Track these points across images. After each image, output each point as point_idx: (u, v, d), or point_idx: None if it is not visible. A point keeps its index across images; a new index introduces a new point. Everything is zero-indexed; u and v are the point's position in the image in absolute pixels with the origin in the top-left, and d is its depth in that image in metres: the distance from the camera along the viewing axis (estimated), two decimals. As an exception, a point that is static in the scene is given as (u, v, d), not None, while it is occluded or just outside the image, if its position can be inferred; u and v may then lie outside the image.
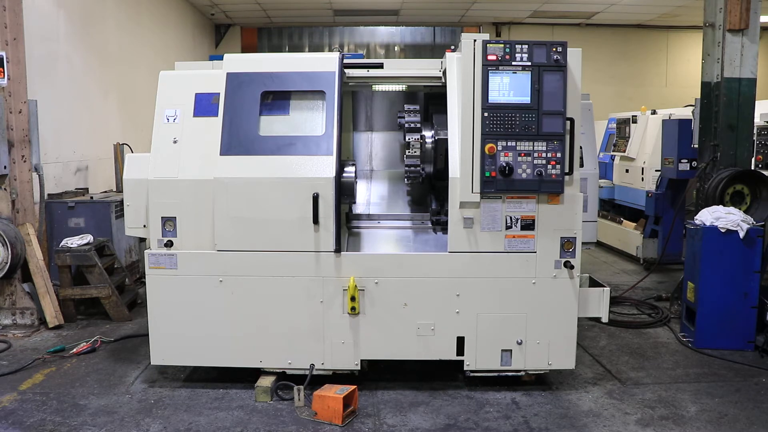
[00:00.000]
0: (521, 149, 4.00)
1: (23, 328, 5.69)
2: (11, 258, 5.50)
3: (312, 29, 14.67)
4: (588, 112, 5.30)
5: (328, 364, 4.28)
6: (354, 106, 5.30)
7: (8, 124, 5.69)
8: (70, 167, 7.23)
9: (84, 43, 7.70)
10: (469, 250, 4.16)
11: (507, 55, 3.97)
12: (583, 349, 5.20)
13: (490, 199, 4.10)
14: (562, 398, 4.28)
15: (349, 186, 4.32)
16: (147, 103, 5.84)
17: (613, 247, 9.20)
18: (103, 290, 5.93)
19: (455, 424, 3.91)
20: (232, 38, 14.55)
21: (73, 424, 3.91)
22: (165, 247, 4.22)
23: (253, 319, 4.24)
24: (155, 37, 10.37)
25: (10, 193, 5.74)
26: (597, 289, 4.36)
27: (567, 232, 4.15)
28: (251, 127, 4.21)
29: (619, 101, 13.78)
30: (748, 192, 5.75)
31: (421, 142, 4.56)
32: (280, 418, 3.97)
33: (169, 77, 4.43)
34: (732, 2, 5.69)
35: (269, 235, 4.16)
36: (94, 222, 6.41)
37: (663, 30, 14.70)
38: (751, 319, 5.14)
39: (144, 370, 4.76)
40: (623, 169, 9.17)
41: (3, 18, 5.64)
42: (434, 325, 4.22)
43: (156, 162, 4.23)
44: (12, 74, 5.70)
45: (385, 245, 4.66)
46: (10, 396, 4.32)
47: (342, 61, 4.37)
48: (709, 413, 4.06)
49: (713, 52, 5.88)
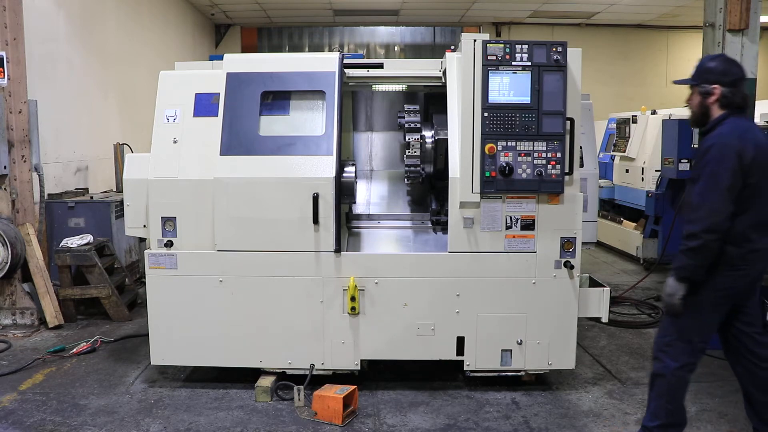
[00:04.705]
0: (521, 149, 4.00)
1: (23, 328, 5.69)
2: (11, 258, 5.50)
3: (312, 29, 14.67)
4: (588, 112, 5.28)
5: (328, 364, 4.28)
6: (354, 106, 5.30)
7: (8, 124, 5.69)
8: (70, 167, 7.23)
9: (84, 43, 7.70)
10: (469, 250, 4.16)
11: (507, 55, 3.97)
12: (583, 349, 5.20)
13: (490, 199, 4.10)
14: (562, 398, 4.28)
15: (349, 186, 4.32)
16: (147, 103, 5.84)
17: (613, 247, 9.20)
18: (103, 290, 5.93)
19: (455, 424, 3.92)
20: (232, 38, 14.55)
21: (73, 424, 3.91)
22: (165, 247, 4.22)
23: (253, 319, 4.24)
24: (155, 37, 10.37)
25: (10, 193, 5.74)
26: (597, 289, 4.36)
27: (567, 232, 4.15)
28: (251, 127, 4.21)
29: (619, 101, 13.78)
30: (748, 192, 5.74)
31: (421, 142, 4.57)
32: (280, 418, 3.97)
33: (169, 77, 4.43)
34: (732, 2, 5.69)
35: (269, 235, 4.16)
36: (94, 222, 6.41)
37: (663, 30, 14.70)
38: (751, 319, 5.13)
39: (144, 370, 4.76)
40: (623, 169, 9.16)
41: (3, 18, 5.64)
42: (434, 325, 4.22)
43: (156, 162, 4.23)
44: (12, 74, 5.70)
45: (385, 245, 4.66)
46: (10, 396, 4.32)
47: (342, 61, 4.37)
48: (709, 413, 4.06)
49: (713, 52, 5.88)
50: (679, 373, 3.30)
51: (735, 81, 3.26)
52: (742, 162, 3.11)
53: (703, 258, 3.15)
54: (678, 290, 3.22)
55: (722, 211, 3.11)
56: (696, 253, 3.14)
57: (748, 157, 3.12)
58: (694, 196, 3.18)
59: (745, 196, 3.16)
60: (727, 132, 3.18)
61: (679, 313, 3.25)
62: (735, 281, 3.24)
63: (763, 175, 3.18)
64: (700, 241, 3.11)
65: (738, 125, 3.21)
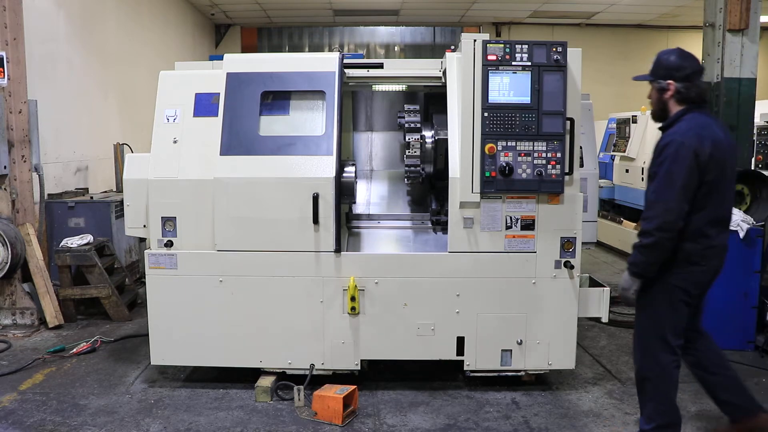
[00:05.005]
0: (521, 149, 4.00)
1: (23, 328, 5.69)
2: (11, 258, 5.50)
3: (312, 29, 14.67)
4: (588, 112, 5.28)
5: (328, 364, 4.28)
6: (354, 106, 5.30)
7: (8, 124, 5.69)
8: (70, 167, 7.23)
9: (84, 43, 7.70)
10: (469, 250, 4.16)
11: (507, 55, 3.97)
12: (583, 349, 5.20)
13: (490, 199, 4.10)
14: (562, 398, 4.28)
15: (349, 186, 4.32)
16: (147, 103, 5.85)
17: (613, 247, 9.19)
18: (103, 290, 5.93)
19: (455, 424, 3.91)
20: (232, 38, 14.55)
21: (73, 424, 3.91)
22: (165, 247, 4.22)
23: (253, 319, 4.24)
24: (155, 37, 10.37)
25: (10, 193, 5.74)
26: (597, 289, 4.36)
27: (567, 232, 4.15)
28: (251, 127, 4.21)
29: (619, 101, 13.76)
30: (748, 192, 5.74)
31: (421, 142, 4.56)
32: (280, 418, 3.97)
33: (169, 77, 4.42)
34: (732, 2, 5.70)
35: (269, 235, 4.16)
36: (94, 222, 6.41)
37: (663, 30, 14.69)
38: (751, 319, 5.14)
39: (144, 370, 4.76)
40: (623, 169, 9.16)
41: (3, 18, 5.64)
42: (434, 325, 4.22)
43: (156, 162, 4.23)
44: (12, 74, 5.70)
45: (385, 245, 4.66)
46: (10, 396, 4.32)
47: (342, 61, 4.37)
48: (710, 413, 4.05)
49: (713, 52, 5.89)
50: (663, 373, 3.34)
51: (689, 75, 3.26)
52: (698, 160, 3.12)
53: (656, 256, 3.20)
54: (632, 285, 3.31)
55: (676, 209, 3.13)
56: (649, 250, 3.19)
57: (705, 155, 3.13)
58: (650, 194, 3.22)
59: (703, 194, 3.19)
60: (684, 129, 3.19)
61: (633, 305, 3.38)
62: (695, 276, 3.30)
63: (720, 171, 3.20)
64: (653, 239, 3.16)
65: (697, 122, 3.22)
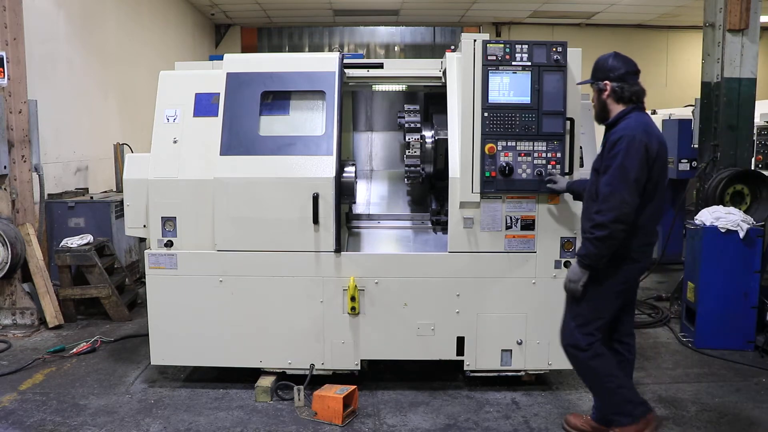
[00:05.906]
0: (521, 149, 4.00)
1: (23, 328, 5.69)
2: (11, 258, 5.50)
3: (312, 29, 14.68)
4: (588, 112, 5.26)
5: (328, 364, 4.28)
6: (354, 106, 5.30)
7: (8, 124, 5.69)
8: (70, 167, 7.23)
9: (84, 43, 7.70)
10: (469, 250, 4.16)
11: (507, 55, 3.97)
12: (583, 349, 5.19)
13: (490, 199, 4.10)
14: (562, 398, 4.28)
15: (349, 186, 4.32)
16: (147, 103, 5.84)
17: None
18: (103, 290, 5.93)
19: (455, 424, 3.91)
20: (232, 38, 14.55)
21: (73, 424, 3.91)
22: (165, 247, 4.22)
23: (253, 319, 4.24)
24: (155, 37, 10.37)
25: (10, 193, 5.74)
26: (597, 289, 4.35)
27: (567, 232, 4.15)
28: (251, 127, 4.21)
29: (619, 101, 13.75)
30: (748, 192, 5.75)
31: (421, 142, 4.56)
32: (280, 418, 3.97)
33: (169, 77, 4.42)
34: (732, 2, 5.70)
35: (269, 235, 4.16)
36: (94, 222, 6.41)
37: (663, 30, 14.69)
38: (751, 319, 5.14)
39: (144, 370, 4.76)
40: (623, 169, 9.14)
41: (3, 18, 5.64)
42: (434, 325, 4.22)
43: (156, 162, 4.23)
44: (12, 74, 5.70)
45: (385, 245, 4.66)
46: (10, 396, 4.32)
47: (342, 61, 4.37)
48: (709, 413, 4.06)
49: (713, 52, 5.88)
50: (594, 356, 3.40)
51: (622, 76, 3.39)
52: (648, 155, 3.22)
53: (607, 248, 3.25)
54: (581, 277, 3.35)
55: (630, 202, 3.21)
56: (601, 242, 3.24)
57: (654, 151, 3.24)
58: (603, 187, 3.27)
59: (648, 190, 3.27)
60: (633, 126, 3.28)
61: (579, 297, 3.41)
62: (634, 273, 3.41)
63: (662, 169, 3.32)
64: (607, 231, 3.21)
65: (643, 120, 3.34)
